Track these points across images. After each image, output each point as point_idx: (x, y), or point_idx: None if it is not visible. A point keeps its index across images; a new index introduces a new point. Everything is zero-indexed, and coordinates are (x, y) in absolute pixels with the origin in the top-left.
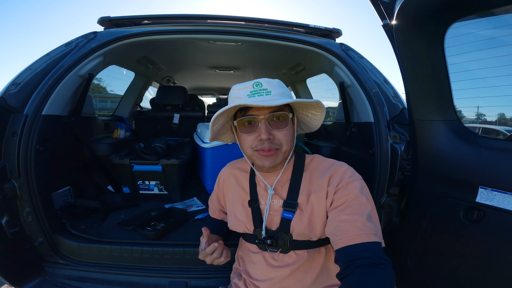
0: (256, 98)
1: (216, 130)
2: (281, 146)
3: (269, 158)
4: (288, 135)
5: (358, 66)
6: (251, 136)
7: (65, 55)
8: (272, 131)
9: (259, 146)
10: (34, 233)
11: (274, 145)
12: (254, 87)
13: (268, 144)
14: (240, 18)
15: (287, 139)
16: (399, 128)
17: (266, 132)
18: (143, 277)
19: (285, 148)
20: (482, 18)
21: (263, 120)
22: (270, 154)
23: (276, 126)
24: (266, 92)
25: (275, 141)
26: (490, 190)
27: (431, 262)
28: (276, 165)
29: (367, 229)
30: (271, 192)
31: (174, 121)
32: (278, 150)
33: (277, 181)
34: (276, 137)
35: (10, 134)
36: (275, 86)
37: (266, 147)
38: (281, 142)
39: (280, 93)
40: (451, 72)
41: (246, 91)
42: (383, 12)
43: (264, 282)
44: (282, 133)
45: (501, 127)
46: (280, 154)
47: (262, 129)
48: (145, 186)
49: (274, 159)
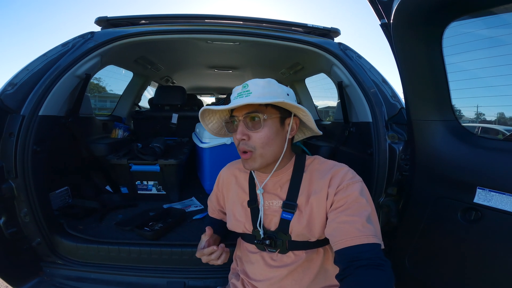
0: (237, 100)
1: (214, 129)
2: (254, 148)
3: (246, 161)
4: (264, 137)
5: (357, 66)
6: (235, 136)
7: (62, 55)
8: (248, 132)
9: (239, 145)
10: (32, 233)
11: (247, 147)
12: (242, 89)
13: (241, 145)
14: (238, 18)
15: (261, 141)
16: (397, 128)
17: (240, 133)
18: (141, 277)
19: (260, 151)
20: (480, 18)
21: (241, 121)
22: (246, 157)
23: (252, 127)
24: (247, 94)
25: (249, 142)
26: (488, 190)
27: (429, 263)
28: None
29: (367, 230)
30: (260, 191)
31: (172, 121)
32: (253, 153)
33: (276, 182)
34: (251, 138)
35: (7, 134)
36: (259, 87)
37: (240, 147)
38: (254, 145)
39: (262, 93)
40: (449, 71)
41: (235, 94)
42: (381, 11)
43: (262, 282)
44: (257, 135)
45: (500, 126)
46: (256, 157)
47: (238, 129)
48: (143, 186)
49: (251, 163)
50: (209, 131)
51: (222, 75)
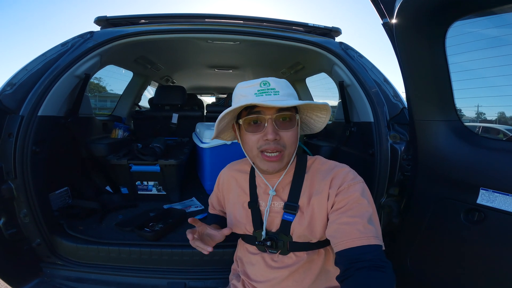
0: (264, 97)
1: (221, 128)
2: (285, 147)
3: (273, 163)
4: (294, 136)
5: (358, 65)
6: (256, 136)
7: (61, 55)
8: (279, 131)
9: (264, 146)
10: (32, 234)
11: (280, 146)
12: (262, 86)
13: (274, 145)
14: (239, 17)
15: (292, 140)
16: (399, 128)
17: (273, 132)
18: (141, 278)
19: (289, 150)
20: (483, 17)
21: (270, 120)
22: (275, 159)
23: (282, 126)
24: (274, 92)
25: (281, 142)
26: (491, 191)
27: (431, 264)
28: (282, 168)
29: (368, 231)
30: (272, 193)
31: (172, 121)
32: (283, 153)
33: (279, 183)
34: (282, 138)
35: (6, 135)
36: (282, 86)
37: (271, 147)
38: (286, 144)
39: (287, 93)
40: (452, 71)
41: (253, 90)
42: (383, 10)
43: (262, 283)
44: (289, 134)
45: (502, 126)
46: (285, 157)
47: (269, 129)
48: (144, 186)
49: (278, 164)
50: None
51: (223, 75)
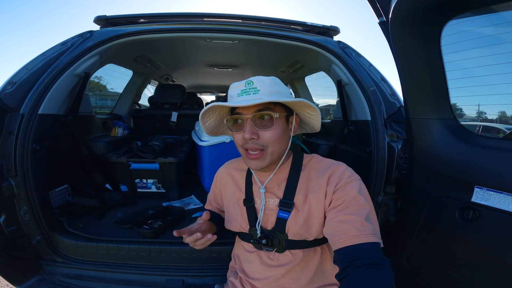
0: (243, 97)
1: (210, 127)
2: (266, 147)
3: (254, 161)
4: (275, 135)
5: (356, 64)
6: (239, 135)
7: (61, 54)
8: (258, 130)
9: (245, 144)
10: (32, 231)
11: (258, 145)
12: (246, 86)
13: (251, 144)
14: (237, 16)
15: (273, 139)
16: (396, 127)
17: (249, 132)
18: (140, 275)
19: (272, 149)
20: (479, 15)
21: (249, 120)
22: (256, 157)
23: (261, 125)
24: (254, 91)
25: (259, 141)
26: (485, 189)
27: (427, 262)
28: (266, 166)
29: (366, 229)
30: (262, 190)
31: (172, 119)
32: (264, 151)
33: (274, 180)
34: (261, 137)
35: (7, 133)
36: (266, 84)
37: (250, 146)
38: (266, 143)
39: (270, 91)
40: (447, 70)
41: (237, 90)
42: (379, 9)
43: (260, 281)
44: (268, 133)
45: (500, 125)
46: (267, 155)
47: (246, 128)
48: (143, 184)
49: (260, 162)
50: (205, 129)
51: (222, 73)
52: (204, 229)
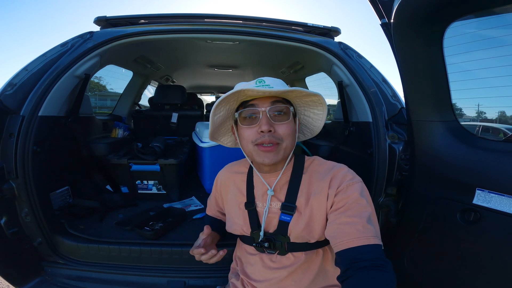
0: (266, 87)
1: (217, 122)
2: (281, 140)
3: (268, 154)
4: (290, 129)
5: (357, 65)
6: (252, 130)
7: (61, 55)
8: (274, 124)
9: (259, 139)
10: (33, 233)
11: (275, 139)
12: (257, 83)
13: (268, 137)
14: (238, 17)
15: (288, 133)
16: (398, 128)
17: (267, 124)
18: (141, 276)
19: (286, 144)
20: (482, 18)
21: (265, 112)
22: (270, 149)
23: (277, 119)
24: (269, 87)
25: (275, 135)
26: (487, 192)
27: (428, 263)
28: (276, 164)
29: (368, 231)
30: (271, 193)
31: (172, 120)
32: (279, 145)
33: (276, 183)
34: (277, 130)
35: (7, 135)
36: (277, 82)
37: (266, 140)
38: (281, 136)
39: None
40: (450, 72)
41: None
42: (382, 11)
43: (261, 283)
44: (283, 126)
45: (501, 125)
46: (281, 150)
47: (263, 121)
48: (144, 185)
49: (274, 156)
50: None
51: (222, 74)
52: (209, 242)
